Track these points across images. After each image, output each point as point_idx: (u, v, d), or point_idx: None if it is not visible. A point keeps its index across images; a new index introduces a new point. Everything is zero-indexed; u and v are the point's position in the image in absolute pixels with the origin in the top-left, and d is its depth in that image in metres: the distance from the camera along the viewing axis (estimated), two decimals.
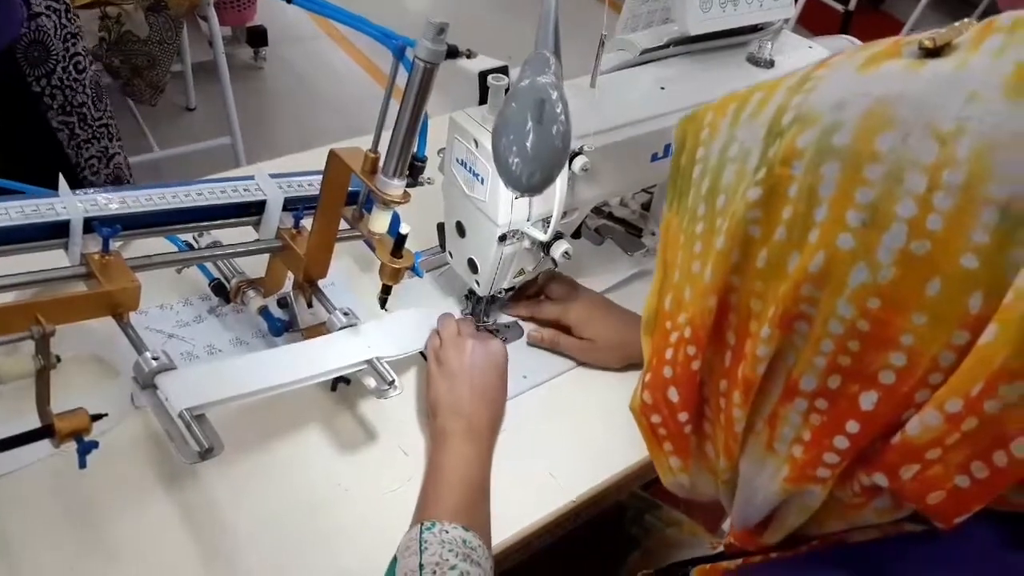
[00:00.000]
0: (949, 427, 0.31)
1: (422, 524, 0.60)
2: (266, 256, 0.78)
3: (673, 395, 0.42)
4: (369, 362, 0.72)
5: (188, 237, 0.80)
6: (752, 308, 0.37)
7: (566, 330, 0.85)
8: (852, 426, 0.34)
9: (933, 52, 0.33)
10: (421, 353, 0.81)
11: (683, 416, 0.42)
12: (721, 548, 0.52)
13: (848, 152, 0.33)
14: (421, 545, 0.58)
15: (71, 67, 1.18)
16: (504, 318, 0.88)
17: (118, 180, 1.34)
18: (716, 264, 0.38)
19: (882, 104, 0.33)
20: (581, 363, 0.85)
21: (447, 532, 0.60)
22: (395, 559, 0.60)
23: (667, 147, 0.81)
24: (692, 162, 0.43)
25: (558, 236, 0.77)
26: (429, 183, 0.79)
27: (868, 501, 0.36)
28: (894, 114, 0.32)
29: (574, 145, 0.71)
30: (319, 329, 0.75)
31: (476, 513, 0.65)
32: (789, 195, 0.35)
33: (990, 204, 0.30)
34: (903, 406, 0.33)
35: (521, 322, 0.88)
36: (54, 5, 1.16)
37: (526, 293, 0.89)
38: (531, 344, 0.86)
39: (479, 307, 0.86)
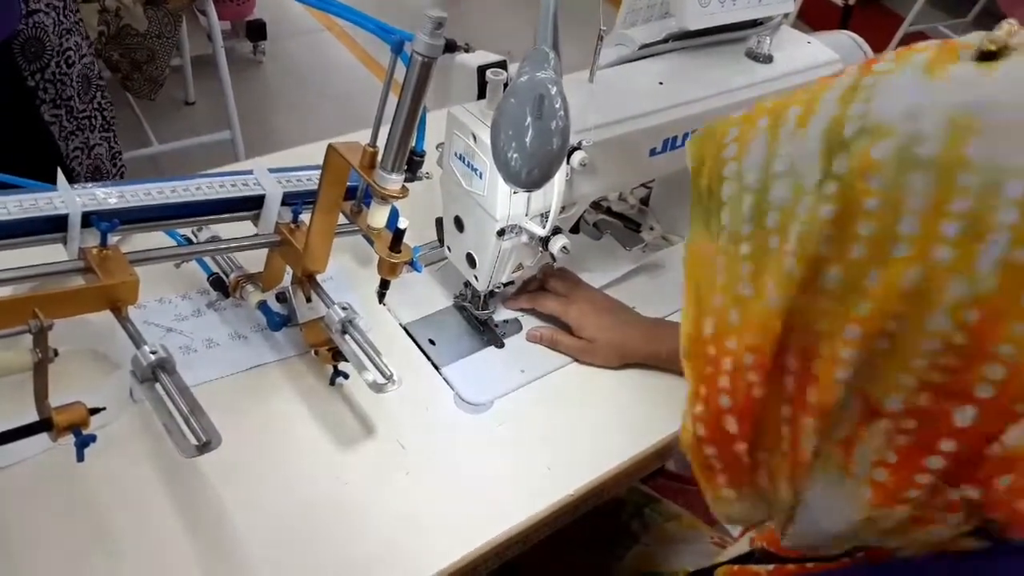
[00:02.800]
0: None
1: None
2: (264, 251, 0.78)
3: (731, 426, 0.40)
4: (369, 356, 0.72)
5: (187, 231, 0.80)
6: (819, 329, 0.36)
7: (566, 327, 0.85)
8: (947, 444, 0.33)
9: (991, 55, 0.33)
10: (419, 347, 0.81)
11: (741, 447, 0.40)
12: (747, 547, 0.51)
13: (936, 162, 0.32)
14: None
15: (62, 62, 1.19)
16: (503, 313, 0.88)
17: (97, 171, 1.35)
18: (782, 287, 0.36)
19: (964, 110, 0.32)
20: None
21: None
22: None
23: (665, 142, 0.81)
24: (719, 180, 0.41)
25: (556, 231, 0.77)
26: (428, 178, 0.79)
27: (946, 516, 0.35)
28: (980, 120, 0.31)
29: (573, 140, 0.71)
30: (317, 324, 0.75)
31: None
32: (867, 209, 0.33)
33: None
34: (1002, 419, 0.32)
35: (520, 318, 0.88)
36: (53, 2, 1.16)
37: (528, 287, 0.89)
38: (530, 340, 0.86)
39: (477, 301, 0.86)
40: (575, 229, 0.97)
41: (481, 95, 0.76)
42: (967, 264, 0.31)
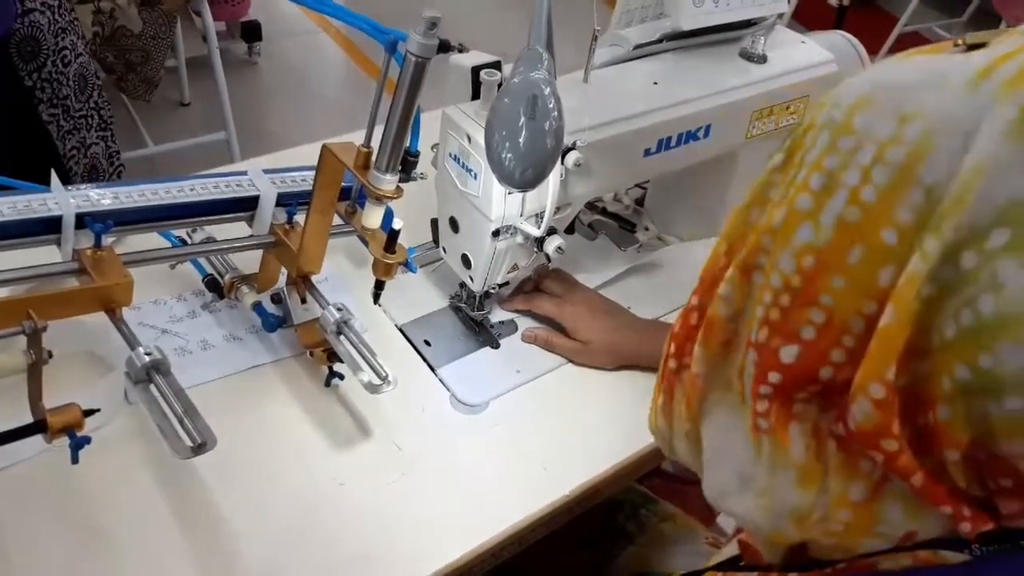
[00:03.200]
0: (883, 413, 0.33)
1: None
2: (259, 252, 0.78)
3: (693, 319, 0.43)
4: (365, 357, 0.72)
5: (181, 233, 0.80)
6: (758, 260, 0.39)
7: (561, 328, 0.85)
8: (774, 376, 0.37)
9: (975, 47, 0.34)
10: (412, 346, 0.81)
11: (672, 364, 0.44)
12: (736, 550, 0.51)
13: (834, 125, 0.35)
14: None
15: (59, 61, 1.19)
16: (499, 314, 0.88)
17: (94, 170, 1.35)
18: (734, 214, 0.40)
19: (874, 87, 0.34)
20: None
21: None
22: None
23: (660, 142, 0.81)
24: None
25: (551, 231, 0.77)
26: (422, 178, 0.79)
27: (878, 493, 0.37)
28: (878, 96, 0.34)
29: (567, 140, 0.71)
30: (312, 325, 0.75)
31: None
32: (794, 160, 0.37)
33: (919, 185, 0.31)
34: (819, 362, 0.35)
35: (516, 319, 0.88)
36: (48, 1, 1.16)
37: (523, 288, 0.89)
38: (525, 341, 0.86)
39: (472, 302, 0.86)
40: (570, 230, 0.97)
41: (475, 96, 0.76)
42: (816, 215, 0.34)
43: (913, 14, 3.01)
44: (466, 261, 0.80)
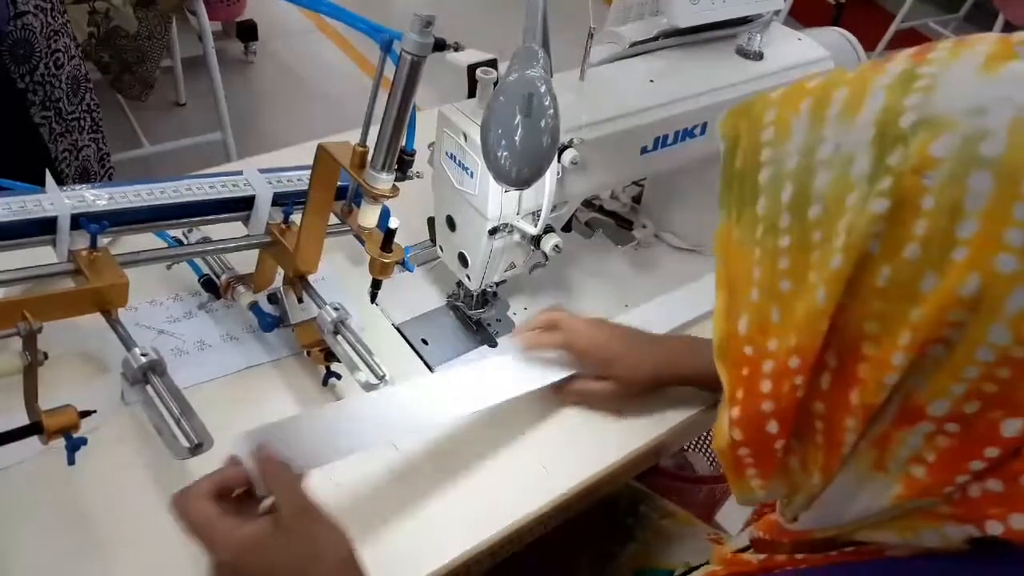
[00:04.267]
0: None
1: None
2: (256, 252, 0.77)
3: (772, 427, 0.39)
4: (362, 356, 0.71)
5: (177, 233, 0.80)
6: (865, 329, 0.34)
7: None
8: (991, 451, 0.33)
9: None
10: None
11: (779, 444, 0.39)
12: (747, 542, 0.51)
13: (1000, 162, 0.30)
14: None
15: (51, 63, 1.19)
16: (496, 312, 0.88)
17: (85, 172, 1.35)
18: (830, 285, 0.34)
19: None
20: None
21: None
22: None
23: (656, 140, 0.81)
24: (755, 165, 0.39)
25: (548, 229, 0.77)
26: (419, 177, 0.79)
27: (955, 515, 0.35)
28: None
29: (563, 138, 0.71)
30: (309, 324, 0.75)
31: None
32: (923, 208, 0.32)
33: None
34: None
35: (512, 316, 0.88)
36: (41, 4, 1.16)
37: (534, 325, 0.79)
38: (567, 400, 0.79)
39: (470, 301, 0.85)
40: (567, 228, 0.97)
41: (471, 94, 0.76)
42: None
43: (910, 10, 3.01)
44: (463, 260, 0.80)
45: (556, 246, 0.77)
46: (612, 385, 0.75)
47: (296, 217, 0.74)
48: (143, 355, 0.61)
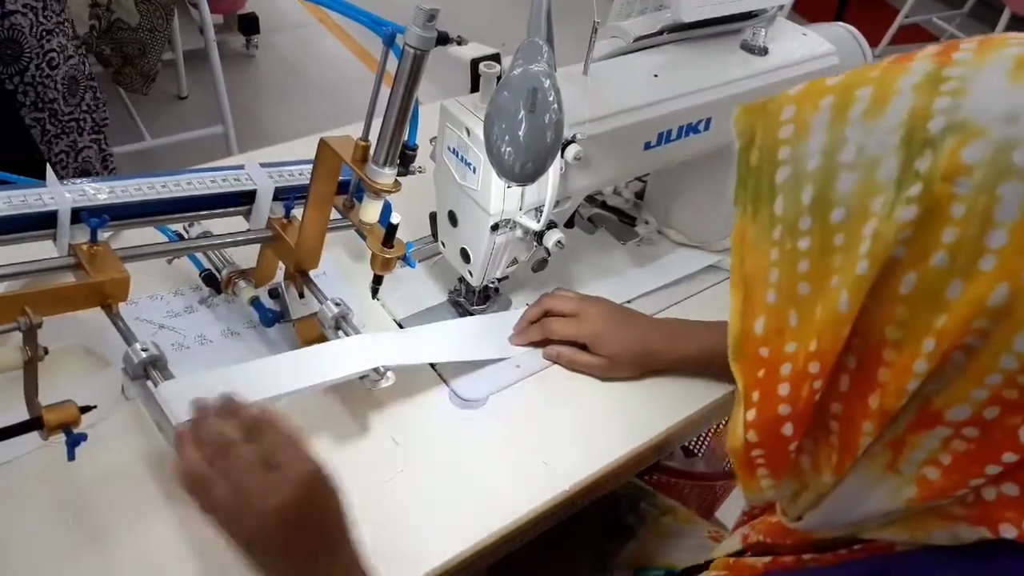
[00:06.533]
0: None
1: None
2: (257, 246, 0.77)
3: (788, 430, 0.38)
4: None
5: (178, 227, 0.79)
6: (887, 335, 0.34)
7: (581, 346, 0.81)
8: (1009, 456, 0.33)
9: None
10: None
11: (793, 446, 0.39)
12: (739, 544, 0.51)
13: None
14: None
15: (44, 64, 1.18)
16: (496, 308, 0.88)
17: (85, 173, 1.34)
18: (854, 290, 0.34)
19: None
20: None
21: None
22: None
23: (660, 135, 0.80)
24: (772, 163, 0.38)
25: (551, 225, 0.77)
26: (421, 172, 0.79)
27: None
28: None
29: (567, 133, 0.71)
30: (310, 319, 0.75)
31: None
32: (952, 216, 0.31)
33: None
34: None
35: (515, 306, 0.88)
36: (31, 3, 1.14)
37: (527, 317, 0.84)
38: (547, 359, 0.82)
39: (471, 297, 0.85)
40: (570, 223, 0.97)
41: (474, 88, 0.75)
42: None
43: (914, 6, 3.00)
44: (465, 255, 0.80)
45: (559, 242, 0.77)
46: (598, 359, 0.79)
47: (297, 212, 0.74)
48: (144, 350, 0.61)
